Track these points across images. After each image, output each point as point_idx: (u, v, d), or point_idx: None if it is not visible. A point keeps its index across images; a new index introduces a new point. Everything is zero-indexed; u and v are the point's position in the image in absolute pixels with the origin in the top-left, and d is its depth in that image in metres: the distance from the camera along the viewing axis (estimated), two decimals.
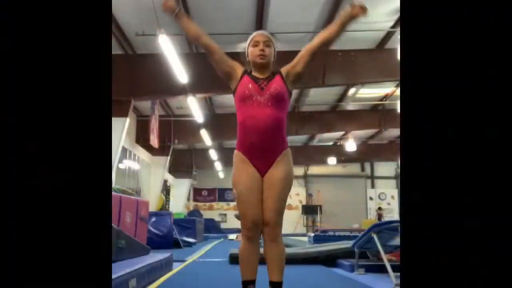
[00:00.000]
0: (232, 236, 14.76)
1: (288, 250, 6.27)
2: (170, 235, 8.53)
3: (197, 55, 9.27)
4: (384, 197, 22.18)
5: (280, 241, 2.28)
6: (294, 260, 5.37)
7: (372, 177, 22.87)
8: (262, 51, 2.27)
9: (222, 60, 2.33)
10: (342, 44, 9.17)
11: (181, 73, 7.98)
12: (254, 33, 2.36)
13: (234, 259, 5.50)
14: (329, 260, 5.48)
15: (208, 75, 9.24)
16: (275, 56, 2.35)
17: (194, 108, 10.35)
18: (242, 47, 2.44)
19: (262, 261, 2.30)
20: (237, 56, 2.42)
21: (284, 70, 2.34)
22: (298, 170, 21.74)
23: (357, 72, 9.56)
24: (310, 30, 8.52)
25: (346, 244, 5.70)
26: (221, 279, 4.15)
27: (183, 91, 9.08)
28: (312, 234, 9.21)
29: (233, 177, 2.31)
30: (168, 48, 7.03)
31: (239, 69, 2.33)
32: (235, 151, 2.33)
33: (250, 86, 2.24)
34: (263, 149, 2.23)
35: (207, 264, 5.69)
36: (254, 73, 2.32)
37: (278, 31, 8.47)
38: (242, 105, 2.26)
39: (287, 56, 2.47)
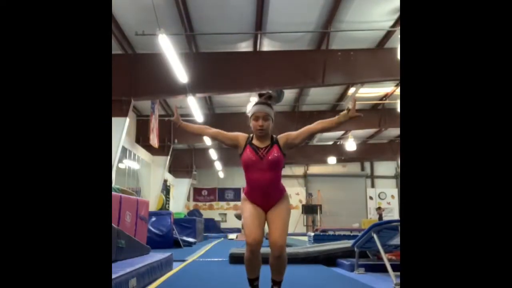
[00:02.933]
0: (232, 236, 14.75)
1: (288, 250, 6.26)
2: (170, 235, 8.54)
3: (197, 55, 9.26)
4: (384, 197, 22.17)
5: (284, 254, 2.72)
6: (294, 260, 5.37)
7: (372, 177, 22.86)
8: (261, 127, 2.70)
9: (226, 138, 2.86)
10: (342, 44, 9.17)
11: (181, 73, 7.97)
12: (255, 108, 2.74)
13: (234, 259, 5.50)
14: (329, 259, 5.48)
15: (208, 75, 9.24)
16: (273, 120, 2.76)
17: (194, 108, 10.34)
18: (242, 46, 2.51)
19: (263, 261, 2.44)
20: (237, 56, 2.49)
21: (282, 139, 2.76)
22: (298, 170, 21.70)
23: (356, 72, 9.53)
24: (310, 30, 8.51)
25: (346, 244, 5.70)
26: (221, 279, 4.15)
27: (183, 91, 9.07)
28: (312, 234, 9.19)
29: (241, 206, 2.87)
30: (168, 48, 7.03)
31: (242, 139, 2.79)
32: (243, 195, 2.86)
33: (252, 156, 2.70)
34: (266, 200, 2.76)
35: (207, 264, 5.69)
36: (255, 142, 2.76)
37: (278, 31, 8.47)
38: (246, 169, 2.75)
39: (286, 56, 2.48)
